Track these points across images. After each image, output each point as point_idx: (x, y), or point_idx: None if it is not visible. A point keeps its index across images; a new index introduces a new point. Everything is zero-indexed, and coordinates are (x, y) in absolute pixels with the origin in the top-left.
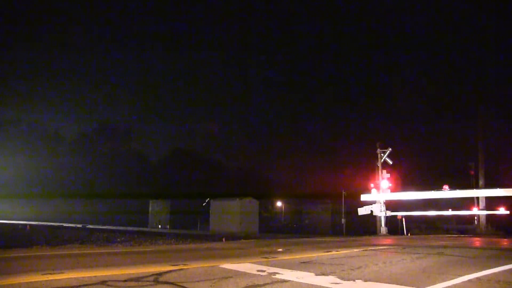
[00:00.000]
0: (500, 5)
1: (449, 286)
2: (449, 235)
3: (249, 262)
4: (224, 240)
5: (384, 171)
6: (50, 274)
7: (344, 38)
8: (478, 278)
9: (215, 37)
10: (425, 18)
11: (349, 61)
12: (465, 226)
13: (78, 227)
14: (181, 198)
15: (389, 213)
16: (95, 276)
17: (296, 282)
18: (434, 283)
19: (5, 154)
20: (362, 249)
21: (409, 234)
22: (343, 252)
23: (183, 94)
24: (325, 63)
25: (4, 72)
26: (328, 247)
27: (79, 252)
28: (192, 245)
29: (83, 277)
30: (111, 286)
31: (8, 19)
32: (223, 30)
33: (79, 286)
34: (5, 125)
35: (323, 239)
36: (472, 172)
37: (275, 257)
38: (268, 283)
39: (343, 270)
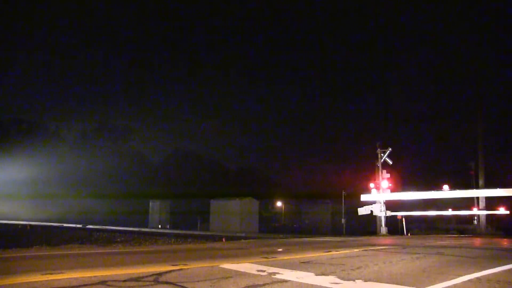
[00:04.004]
0: (500, 5)
1: (449, 286)
2: (449, 235)
3: (249, 262)
4: (224, 240)
5: (384, 171)
6: (50, 274)
7: (344, 38)
8: (478, 278)
9: (215, 37)
10: (425, 18)
11: (349, 61)
12: (465, 226)
13: (78, 227)
14: (181, 198)
15: (389, 213)
16: (95, 276)
17: (296, 282)
18: (434, 283)
19: (5, 154)
20: (362, 249)
21: (409, 234)
22: (343, 252)
23: (183, 94)
24: (326, 63)
25: (4, 72)
26: (328, 247)
27: (79, 252)
28: (192, 245)
29: (83, 277)
30: (111, 286)
31: (8, 19)
32: (223, 30)
33: (79, 286)
34: (6, 125)
35: (323, 239)
36: (472, 172)
37: (275, 257)
38: (268, 283)
39: (343, 270)
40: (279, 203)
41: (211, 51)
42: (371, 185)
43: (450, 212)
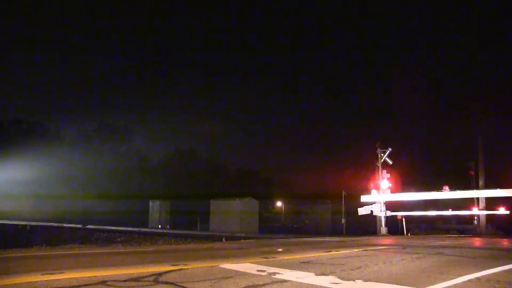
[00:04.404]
0: (500, 5)
1: (449, 286)
2: (449, 235)
3: (249, 262)
4: (224, 240)
5: (384, 171)
6: (50, 274)
7: (344, 37)
8: (478, 278)
9: (215, 37)
10: (425, 18)
11: (349, 61)
12: (465, 226)
13: (78, 227)
14: (181, 198)
15: (389, 213)
16: (95, 276)
17: (296, 282)
18: (434, 283)
19: (5, 154)
20: (362, 249)
21: (409, 234)
22: (343, 252)
23: (183, 94)
24: (325, 63)
25: (4, 72)
26: (328, 247)
27: (79, 252)
28: (192, 245)
29: (83, 277)
30: (111, 286)
31: (8, 19)
32: (223, 30)
33: (79, 286)
34: (6, 125)
35: (323, 239)
36: (472, 172)
37: (275, 257)
38: (268, 283)
39: (343, 270)
40: (279, 203)
41: (211, 51)
42: (371, 185)
43: (450, 212)
